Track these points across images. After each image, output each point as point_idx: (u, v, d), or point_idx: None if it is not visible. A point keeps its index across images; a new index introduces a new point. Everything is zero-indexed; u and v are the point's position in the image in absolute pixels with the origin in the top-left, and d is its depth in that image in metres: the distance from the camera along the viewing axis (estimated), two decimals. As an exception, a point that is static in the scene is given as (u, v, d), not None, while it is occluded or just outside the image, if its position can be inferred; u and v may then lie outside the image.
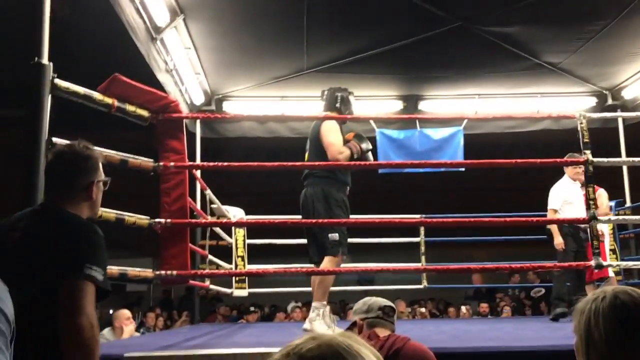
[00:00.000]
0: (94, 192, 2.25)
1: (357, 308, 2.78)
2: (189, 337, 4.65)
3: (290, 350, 0.93)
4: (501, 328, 5.28)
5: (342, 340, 0.93)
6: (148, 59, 5.60)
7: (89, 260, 1.99)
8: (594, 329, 1.35)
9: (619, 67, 7.38)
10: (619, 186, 7.79)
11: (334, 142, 4.33)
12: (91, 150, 2.30)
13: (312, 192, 4.37)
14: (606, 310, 1.36)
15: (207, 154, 7.47)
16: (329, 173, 4.38)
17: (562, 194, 6.17)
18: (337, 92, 4.72)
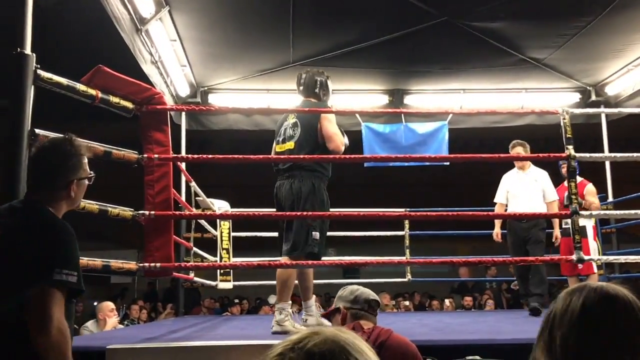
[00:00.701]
0: (73, 190, 2.26)
1: (343, 295, 2.77)
2: (173, 329, 4.65)
3: (294, 344, 0.92)
4: (483, 321, 5.33)
5: (345, 337, 0.94)
6: (133, 50, 5.57)
7: (59, 264, 2.01)
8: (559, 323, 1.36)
9: (602, 64, 7.45)
10: (602, 181, 7.87)
11: (337, 132, 4.18)
12: (75, 147, 2.30)
13: (299, 185, 4.14)
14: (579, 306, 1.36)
15: (192, 146, 7.46)
16: (320, 167, 4.19)
17: (505, 186, 6.14)
18: (316, 76, 4.51)
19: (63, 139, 2.32)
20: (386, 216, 5.53)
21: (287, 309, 4.02)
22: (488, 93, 8.17)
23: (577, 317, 1.35)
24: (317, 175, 4.18)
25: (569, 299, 1.39)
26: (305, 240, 4.07)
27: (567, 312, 1.37)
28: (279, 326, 3.94)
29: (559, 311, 1.39)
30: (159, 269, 3.65)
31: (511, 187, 6.10)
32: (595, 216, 6.82)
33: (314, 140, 4.20)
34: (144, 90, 3.78)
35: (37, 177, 2.29)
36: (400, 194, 12.24)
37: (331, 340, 0.92)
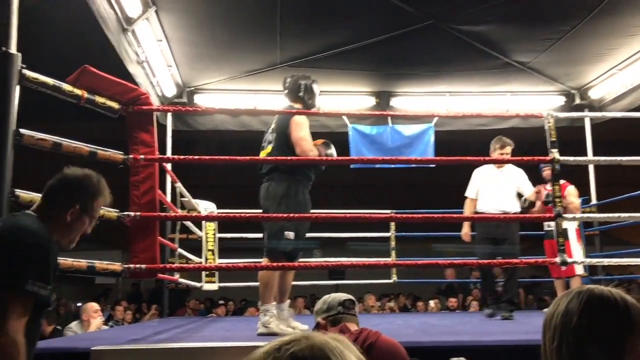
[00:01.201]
0: (70, 216, 2.24)
1: (317, 309, 2.79)
2: (158, 330, 4.64)
3: (282, 345, 0.92)
4: (468, 322, 5.35)
5: (334, 345, 0.92)
6: (119, 50, 5.54)
7: (32, 275, 1.98)
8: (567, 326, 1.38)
9: (586, 67, 7.52)
10: (585, 184, 7.94)
11: (305, 137, 4.16)
12: (98, 185, 2.34)
13: (275, 187, 4.16)
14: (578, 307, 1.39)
15: (178, 146, 7.43)
16: (297, 169, 4.20)
17: (477, 181, 6.00)
18: (301, 79, 4.48)
19: (96, 175, 2.36)
20: (372, 218, 5.55)
21: (272, 310, 4.00)
22: (473, 96, 8.22)
23: (560, 319, 1.37)
24: (295, 177, 4.19)
25: (558, 302, 1.42)
26: (279, 240, 4.09)
27: (554, 315, 1.40)
28: (265, 328, 3.93)
29: (548, 315, 1.42)
30: (144, 271, 3.64)
31: (484, 183, 5.95)
32: (579, 219, 6.88)
33: (286, 144, 4.20)
34: (130, 90, 3.76)
35: (50, 192, 2.31)
36: (387, 195, 12.27)
37: (318, 347, 0.91)
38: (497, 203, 5.80)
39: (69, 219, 2.25)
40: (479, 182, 5.96)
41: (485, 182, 5.92)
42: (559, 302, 1.43)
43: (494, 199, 5.81)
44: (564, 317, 1.37)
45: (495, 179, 5.90)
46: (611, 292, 1.40)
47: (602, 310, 1.37)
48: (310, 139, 4.21)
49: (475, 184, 5.98)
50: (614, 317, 1.36)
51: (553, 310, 1.42)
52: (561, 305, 1.40)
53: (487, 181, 5.91)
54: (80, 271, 3.31)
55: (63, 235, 2.25)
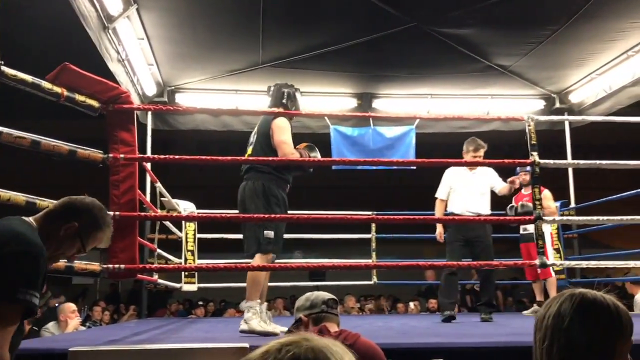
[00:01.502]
0: (64, 230, 2.18)
1: (300, 305, 2.77)
2: (137, 331, 4.59)
3: (282, 346, 0.91)
4: (448, 324, 5.37)
5: (335, 350, 0.92)
6: (100, 48, 5.49)
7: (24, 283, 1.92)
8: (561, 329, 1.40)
9: (566, 72, 7.60)
10: (564, 187, 8.02)
11: (287, 140, 4.20)
12: (104, 219, 2.31)
13: (252, 186, 4.21)
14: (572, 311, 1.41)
15: (156, 146, 7.37)
16: (272, 169, 4.25)
17: (449, 182, 5.87)
18: (284, 88, 4.54)
19: (105, 210, 2.35)
20: (353, 219, 5.55)
21: (256, 308, 3.99)
22: (455, 98, 8.27)
23: (551, 321, 1.40)
24: (269, 176, 4.23)
25: (549, 304, 1.44)
26: (258, 239, 4.12)
27: (545, 317, 1.42)
28: (246, 324, 3.92)
29: (540, 316, 1.44)
30: (123, 271, 3.61)
31: (456, 184, 5.84)
32: (558, 221, 6.95)
33: (268, 145, 4.25)
34: (111, 89, 3.72)
35: (54, 206, 2.27)
36: (368, 196, 12.30)
37: (319, 350, 0.91)
38: (470, 205, 5.73)
39: (62, 233, 2.18)
40: (451, 184, 5.86)
41: (457, 184, 5.82)
42: (551, 303, 1.45)
43: (467, 200, 5.74)
44: (556, 319, 1.40)
45: (467, 181, 5.82)
46: (604, 297, 1.43)
47: (594, 313, 1.40)
48: (291, 143, 4.23)
49: (447, 185, 5.87)
50: (605, 321, 1.39)
51: (545, 312, 1.45)
52: (553, 307, 1.42)
53: (459, 183, 5.82)
54: (58, 271, 3.27)
55: (49, 248, 2.15)
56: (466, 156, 5.76)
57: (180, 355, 2.80)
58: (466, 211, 5.72)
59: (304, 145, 4.40)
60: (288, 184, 4.37)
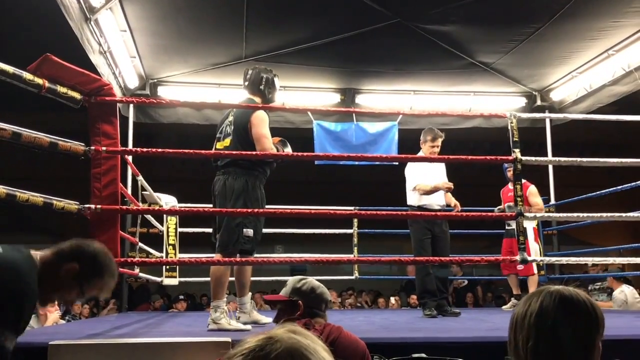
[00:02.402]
0: (64, 270, 2.11)
1: (302, 289, 2.65)
2: (117, 325, 4.57)
3: (252, 352, 0.90)
4: (428, 319, 5.40)
5: (306, 343, 0.92)
6: (81, 40, 5.44)
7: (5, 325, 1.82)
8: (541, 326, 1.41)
9: (548, 70, 7.66)
10: (545, 184, 8.09)
11: (267, 134, 4.13)
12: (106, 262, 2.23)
13: (232, 182, 4.10)
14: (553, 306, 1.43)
15: (139, 139, 7.33)
16: (255, 165, 4.17)
17: (419, 174, 5.67)
18: (263, 72, 4.45)
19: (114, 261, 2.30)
20: (335, 214, 5.57)
21: (222, 307, 3.95)
22: (437, 95, 8.31)
23: (535, 319, 1.41)
24: (253, 173, 4.16)
25: (528, 302, 1.46)
26: (237, 237, 4.05)
27: (526, 315, 1.43)
28: (215, 324, 3.87)
29: (520, 315, 1.45)
30: (105, 264, 3.57)
31: (425, 178, 5.67)
32: (539, 218, 7.00)
33: (244, 139, 4.16)
34: (93, 80, 3.69)
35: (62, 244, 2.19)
36: (350, 192, 12.31)
37: (293, 347, 0.91)
38: (438, 198, 5.68)
39: (62, 273, 2.10)
40: (421, 176, 5.67)
41: (426, 177, 5.67)
42: (530, 301, 1.46)
43: (436, 194, 5.66)
44: (539, 317, 1.41)
45: (434, 174, 5.69)
46: (578, 293, 1.45)
47: (576, 310, 1.43)
48: (270, 136, 4.17)
49: (419, 176, 5.67)
50: (586, 317, 1.42)
51: (524, 310, 1.45)
52: (533, 305, 1.44)
53: (427, 176, 5.67)
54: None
55: (46, 287, 2.05)
56: (424, 146, 5.70)
57: (162, 349, 2.80)
58: (436, 204, 5.66)
59: (277, 140, 4.35)
60: (265, 178, 4.31)
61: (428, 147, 5.64)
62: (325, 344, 1.85)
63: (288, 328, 0.96)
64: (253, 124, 4.14)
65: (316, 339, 0.97)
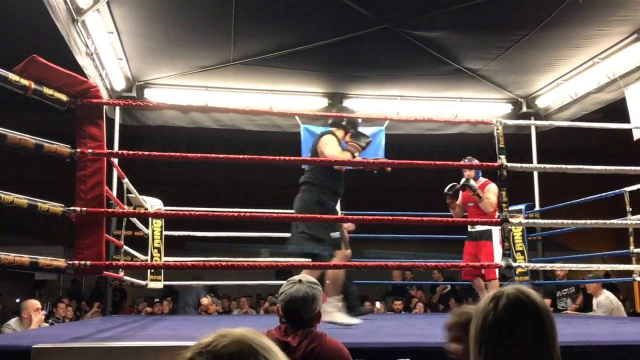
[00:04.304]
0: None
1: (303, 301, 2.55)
2: (102, 328, 4.54)
3: (202, 348, 0.94)
4: (414, 324, 5.41)
5: (253, 337, 0.95)
6: (68, 41, 5.41)
7: None
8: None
9: (534, 77, 7.73)
10: (530, 190, 8.14)
11: (333, 154, 4.59)
12: None
13: (304, 197, 4.64)
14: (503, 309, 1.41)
15: (125, 141, 7.29)
16: (323, 182, 4.66)
17: None
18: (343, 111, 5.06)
19: None
20: (321, 218, 5.53)
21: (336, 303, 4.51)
22: (424, 100, 8.36)
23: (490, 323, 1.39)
24: (321, 190, 4.66)
25: (484, 306, 1.43)
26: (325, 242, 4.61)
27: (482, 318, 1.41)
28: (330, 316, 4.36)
29: (475, 318, 1.43)
30: (89, 267, 3.55)
31: None
32: (524, 224, 7.04)
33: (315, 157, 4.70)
34: (80, 82, 3.66)
35: None
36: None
37: (239, 341, 0.94)
38: None
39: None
40: None
41: None
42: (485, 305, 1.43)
43: None
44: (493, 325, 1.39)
45: None
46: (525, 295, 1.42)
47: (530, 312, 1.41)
48: (337, 154, 4.62)
49: None
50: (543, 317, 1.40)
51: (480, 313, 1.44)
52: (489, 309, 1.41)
53: None
54: (22, 267, 3.20)
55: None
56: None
57: (147, 353, 2.78)
58: None
59: (349, 135, 4.79)
60: (338, 196, 4.83)
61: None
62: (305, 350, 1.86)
63: (243, 328, 1.00)
64: (320, 147, 4.68)
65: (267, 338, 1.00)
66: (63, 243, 11.96)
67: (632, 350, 3.23)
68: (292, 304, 2.53)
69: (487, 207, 5.89)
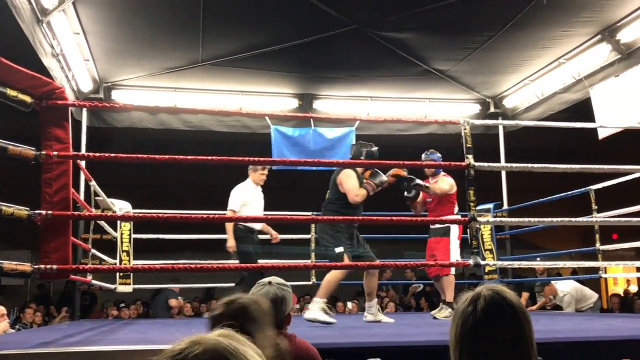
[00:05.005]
0: None
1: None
2: (70, 333, 4.47)
3: (174, 356, 0.90)
4: (384, 324, 5.43)
5: (227, 344, 0.92)
6: (33, 42, 5.32)
7: None
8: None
9: (501, 77, 7.82)
10: (498, 190, 8.24)
11: (351, 188, 5.09)
12: None
13: None
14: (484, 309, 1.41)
15: (92, 144, 7.20)
16: (336, 208, 5.18)
17: (242, 196, 6.03)
18: (363, 147, 5.33)
19: None
20: (293, 219, 5.54)
21: (321, 304, 5.14)
22: (394, 101, 8.41)
23: (470, 327, 1.40)
24: (337, 214, 5.10)
25: (463, 309, 1.43)
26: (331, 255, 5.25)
27: (461, 322, 1.41)
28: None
29: (454, 321, 1.43)
30: (56, 271, 3.50)
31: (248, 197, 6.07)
32: (491, 223, 7.12)
33: (337, 191, 5.24)
34: (45, 84, 3.61)
35: None
36: (308, 197, 12.29)
37: (212, 349, 0.90)
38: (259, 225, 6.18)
39: None
40: (243, 198, 6.03)
41: (248, 198, 6.05)
42: (463, 305, 1.44)
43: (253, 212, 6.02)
44: (473, 327, 1.39)
45: (254, 195, 6.13)
46: (502, 296, 1.43)
47: (509, 311, 1.41)
48: (355, 188, 5.10)
49: (241, 199, 6.03)
50: (521, 315, 1.42)
51: (458, 312, 1.44)
52: (467, 308, 1.42)
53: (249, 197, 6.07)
54: (-15, 272, 3.14)
55: None
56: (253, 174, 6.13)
57: (116, 357, 2.75)
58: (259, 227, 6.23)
59: (368, 174, 5.22)
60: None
61: (257, 174, 6.14)
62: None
63: (220, 332, 0.96)
64: (340, 180, 5.18)
65: (248, 342, 0.96)
66: (30, 247, 11.76)
67: (597, 346, 3.30)
68: None
69: (435, 190, 5.84)
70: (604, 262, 6.25)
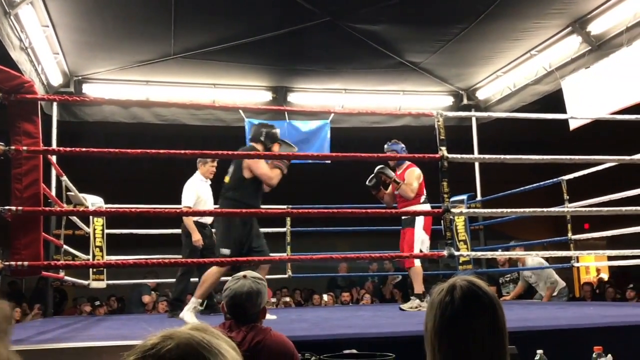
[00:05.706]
0: None
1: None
2: (42, 330, 4.42)
3: (146, 351, 0.88)
4: (360, 315, 5.46)
5: (201, 338, 0.90)
6: (1, 36, 5.23)
7: None
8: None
9: (474, 69, 7.88)
10: (471, 181, 8.30)
11: (264, 171, 4.79)
12: None
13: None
14: None
15: (63, 138, 7.10)
16: (239, 197, 4.77)
17: (195, 191, 5.98)
18: (262, 128, 5.06)
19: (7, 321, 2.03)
20: (268, 212, 5.55)
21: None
22: (368, 94, 8.42)
23: (449, 317, 1.40)
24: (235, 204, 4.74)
25: (440, 299, 1.43)
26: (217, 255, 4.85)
27: (440, 312, 1.42)
28: None
29: (431, 312, 1.44)
30: (27, 268, 3.45)
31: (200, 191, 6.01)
32: (465, 214, 7.18)
33: (240, 177, 4.83)
34: (13, 77, 3.55)
35: None
36: (283, 191, 12.26)
37: (184, 344, 0.89)
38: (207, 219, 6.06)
39: None
40: (196, 194, 5.98)
41: (201, 193, 6.01)
42: (437, 296, 1.44)
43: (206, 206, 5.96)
44: (451, 320, 1.39)
45: (205, 189, 6.07)
46: (477, 286, 1.44)
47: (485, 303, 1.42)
48: (267, 171, 4.81)
49: (194, 195, 5.97)
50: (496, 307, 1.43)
51: (432, 304, 1.44)
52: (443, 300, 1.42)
53: (201, 192, 6.02)
54: (-47, 269, 3.09)
55: None
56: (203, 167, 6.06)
57: (89, 353, 2.72)
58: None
59: (277, 146, 4.98)
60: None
61: (206, 168, 6.05)
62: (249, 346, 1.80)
63: (192, 326, 0.95)
64: (250, 165, 4.79)
65: (222, 336, 0.96)
66: (0, 244, 11.59)
67: (569, 334, 3.35)
68: (237, 299, 2.50)
69: (407, 192, 5.77)
70: (575, 252, 6.34)
